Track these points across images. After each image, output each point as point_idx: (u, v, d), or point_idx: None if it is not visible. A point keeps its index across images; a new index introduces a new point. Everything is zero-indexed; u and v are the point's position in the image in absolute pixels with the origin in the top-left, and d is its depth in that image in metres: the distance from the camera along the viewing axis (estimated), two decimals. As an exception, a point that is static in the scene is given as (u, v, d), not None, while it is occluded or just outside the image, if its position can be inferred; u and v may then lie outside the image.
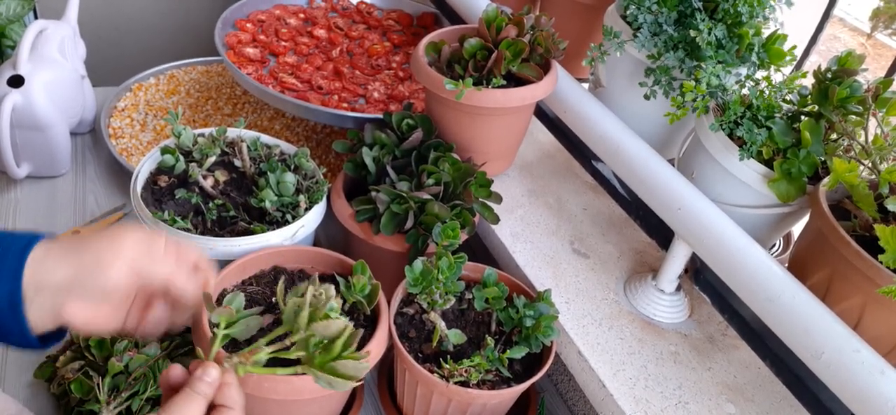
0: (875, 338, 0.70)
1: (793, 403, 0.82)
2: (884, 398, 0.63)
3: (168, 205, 0.89)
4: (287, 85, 1.20)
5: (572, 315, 0.89)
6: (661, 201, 0.85)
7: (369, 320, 0.81)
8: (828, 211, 0.74)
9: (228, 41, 1.26)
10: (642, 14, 0.90)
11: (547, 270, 0.95)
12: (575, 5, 1.19)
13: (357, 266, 0.81)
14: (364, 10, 1.46)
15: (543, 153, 1.18)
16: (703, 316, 0.93)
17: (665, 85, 0.90)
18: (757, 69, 0.87)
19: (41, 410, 0.83)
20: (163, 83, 1.35)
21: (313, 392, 0.71)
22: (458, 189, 0.91)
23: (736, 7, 0.86)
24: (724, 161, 0.83)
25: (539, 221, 1.03)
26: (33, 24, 1.08)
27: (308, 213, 0.90)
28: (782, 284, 0.73)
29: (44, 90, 1.05)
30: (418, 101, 1.22)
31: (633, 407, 0.78)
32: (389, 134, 0.98)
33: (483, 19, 0.97)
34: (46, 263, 0.55)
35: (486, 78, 0.95)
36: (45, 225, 1.07)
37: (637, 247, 1.01)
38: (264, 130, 1.28)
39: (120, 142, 1.19)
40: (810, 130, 0.78)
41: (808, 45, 1.18)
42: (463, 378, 0.77)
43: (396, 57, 1.34)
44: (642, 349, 0.86)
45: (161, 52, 1.99)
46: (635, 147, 0.89)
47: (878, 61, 2.34)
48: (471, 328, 0.85)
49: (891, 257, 0.67)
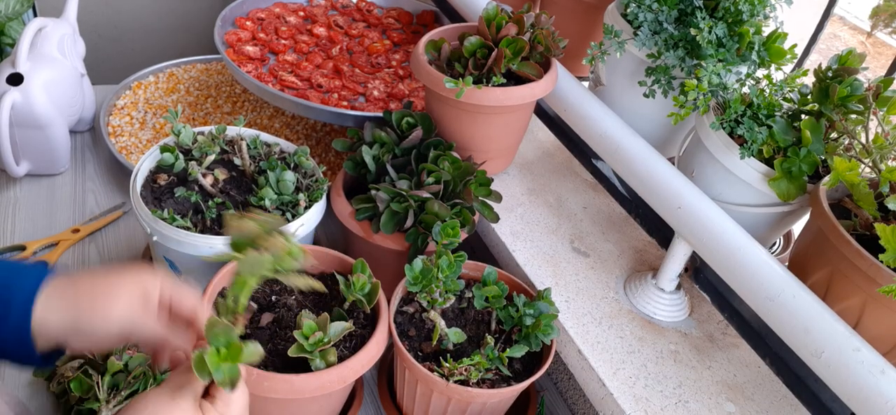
0: (875, 337, 0.70)
1: (792, 402, 0.82)
2: (884, 397, 0.63)
3: (167, 203, 0.89)
4: (287, 83, 1.19)
5: (572, 314, 0.89)
6: (661, 200, 0.85)
7: (369, 318, 0.81)
8: (828, 210, 0.74)
9: (228, 39, 1.26)
10: (643, 12, 0.89)
11: (547, 268, 0.95)
12: (575, 4, 1.19)
13: (357, 265, 0.81)
14: (364, 8, 1.45)
15: (543, 152, 1.18)
16: (703, 315, 0.93)
17: (665, 84, 0.89)
18: (757, 68, 0.87)
19: (41, 408, 0.83)
20: (162, 81, 1.35)
21: (313, 392, 0.71)
22: (457, 188, 0.91)
23: (736, 5, 0.85)
24: (724, 160, 0.82)
25: (539, 220, 1.03)
26: (33, 22, 1.07)
27: (308, 211, 0.90)
28: (782, 283, 0.73)
29: (43, 88, 1.05)
30: (418, 99, 1.22)
31: (632, 406, 0.78)
32: (389, 132, 0.98)
33: (483, 17, 0.97)
34: (48, 306, 0.56)
35: (486, 76, 0.95)
36: (45, 224, 1.07)
37: (637, 245, 1.01)
38: (264, 128, 1.28)
39: (119, 140, 1.19)
40: (811, 129, 0.78)
41: (809, 43, 1.18)
42: (463, 377, 0.77)
43: (396, 55, 1.34)
44: (642, 348, 0.86)
45: (160, 51, 1.99)
46: (635, 146, 0.89)
47: (879, 60, 2.34)
48: (471, 327, 0.85)
49: (891, 256, 0.67)
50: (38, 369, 0.58)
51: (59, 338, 0.57)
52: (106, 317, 0.57)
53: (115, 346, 0.59)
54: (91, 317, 0.57)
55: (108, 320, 0.57)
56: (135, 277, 0.59)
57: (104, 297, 0.57)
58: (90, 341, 0.58)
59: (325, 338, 0.72)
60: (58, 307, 0.57)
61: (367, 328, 0.79)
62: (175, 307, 0.62)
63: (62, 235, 1.04)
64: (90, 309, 0.57)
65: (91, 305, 0.57)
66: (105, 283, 0.58)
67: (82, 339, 0.57)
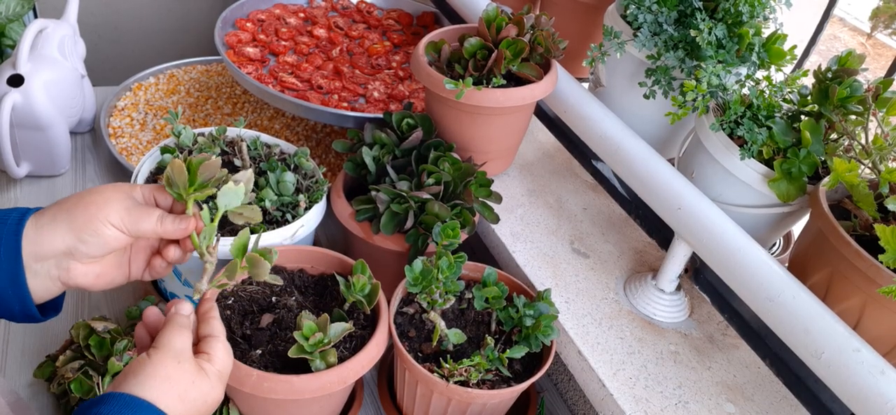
0: (875, 338, 0.70)
1: (792, 402, 0.82)
2: (884, 398, 0.63)
3: (168, 204, 0.89)
4: (287, 84, 1.19)
5: (572, 315, 0.89)
6: (661, 201, 0.85)
7: (369, 319, 0.81)
8: (828, 211, 0.74)
9: (228, 40, 1.26)
10: (642, 14, 0.90)
11: (547, 269, 0.95)
12: (575, 5, 1.19)
13: (357, 266, 0.81)
14: (364, 10, 1.46)
15: (543, 153, 1.18)
16: (703, 316, 0.93)
17: (665, 85, 0.89)
18: (757, 69, 0.87)
19: (41, 409, 0.83)
20: (163, 82, 1.35)
21: (313, 392, 0.71)
22: (458, 189, 0.91)
23: (736, 6, 0.86)
24: (724, 161, 0.83)
25: (539, 221, 1.03)
26: (33, 24, 1.08)
27: (308, 212, 0.90)
28: (782, 284, 0.73)
29: (43, 89, 1.05)
30: (418, 100, 1.22)
31: (632, 407, 0.78)
32: (389, 133, 0.98)
33: (483, 19, 0.97)
34: (42, 234, 0.59)
35: (486, 77, 0.95)
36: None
37: (637, 246, 1.01)
38: (264, 129, 1.28)
39: (120, 141, 1.19)
40: (810, 130, 0.78)
41: (809, 44, 1.18)
42: (463, 378, 0.77)
43: (396, 56, 1.34)
44: (642, 349, 0.86)
45: (161, 52, 1.99)
46: (635, 147, 0.89)
47: (878, 61, 2.34)
48: (471, 328, 0.85)
49: (891, 257, 0.67)
50: (37, 322, 0.61)
51: (65, 264, 0.60)
52: (105, 220, 0.60)
53: (120, 246, 0.63)
54: (92, 224, 0.60)
55: (107, 223, 0.60)
56: (116, 186, 0.63)
57: (96, 206, 0.60)
58: (97, 248, 0.61)
59: (326, 339, 0.72)
60: (54, 229, 0.59)
61: (367, 329, 0.79)
62: (159, 202, 0.66)
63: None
64: (87, 219, 0.60)
65: (86, 216, 0.60)
66: (91, 196, 0.62)
67: (89, 248, 0.60)
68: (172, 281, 0.91)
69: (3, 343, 0.89)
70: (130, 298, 0.98)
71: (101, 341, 0.81)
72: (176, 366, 0.56)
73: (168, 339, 0.58)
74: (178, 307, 0.61)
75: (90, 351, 0.81)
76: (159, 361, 0.56)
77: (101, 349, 0.80)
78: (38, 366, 0.85)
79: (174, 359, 0.57)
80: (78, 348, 0.82)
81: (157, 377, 0.55)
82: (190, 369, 0.57)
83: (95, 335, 0.82)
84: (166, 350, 0.57)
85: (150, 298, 0.94)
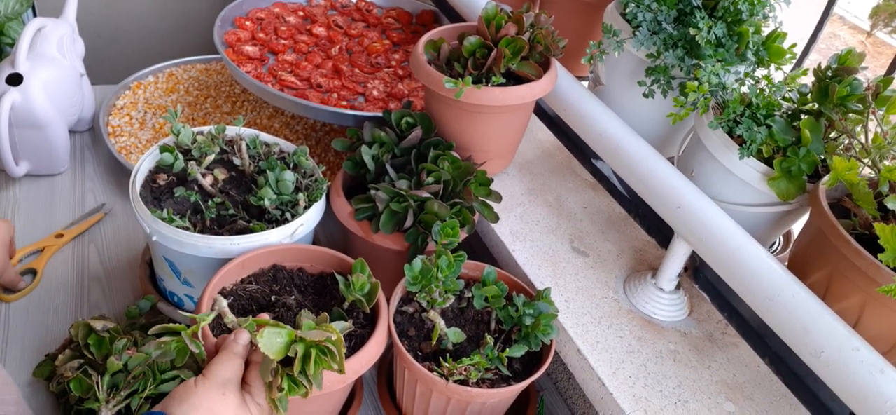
0: (874, 336, 0.70)
1: (792, 401, 0.82)
2: (883, 397, 0.63)
3: (167, 203, 0.89)
4: (286, 83, 1.19)
5: (572, 313, 0.89)
6: (661, 200, 0.85)
7: (369, 318, 0.81)
8: (827, 209, 0.74)
9: (227, 39, 1.26)
10: (642, 12, 0.89)
11: (546, 268, 0.95)
12: (575, 3, 1.19)
13: (356, 265, 0.81)
14: (363, 8, 1.45)
15: (543, 151, 1.18)
16: (703, 314, 0.93)
17: (664, 84, 0.89)
18: (757, 67, 0.87)
19: (40, 408, 0.83)
20: (162, 81, 1.35)
21: (312, 392, 0.71)
22: (457, 187, 0.91)
23: (736, 5, 0.85)
24: (723, 159, 0.82)
25: (539, 220, 1.03)
26: (32, 22, 1.07)
27: (307, 211, 0.90)
28: (782, 283, 0.73)
29: (42, 88, 1.05)
30: (418, 99, 1.22)
31: (632, 405, 0.78)
32: (389, 132, 0.98)
33: (483, 17, 0.97)
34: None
35: (486, 76, 0.95)
36: (44, 224, 1.06)
37: (636, 245, 1.01)
38: (263, 128, 1.28)
39: (119, 140, 1.19)
40: (810, 129, 0.78)
41: (808, 43, 1.18)
42: (462, 377, 0.77)
43: (396, 55, 1.34)
44: (642, 348, 0.86)
45: (160, 51, 1.99)
46: (635, 145, 0.89)
47: (878, 59, 2.34)
48: (470, 327, 0.85)
49: (890, 256, 0.67)
50: None
51: None
52: None
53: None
54: None
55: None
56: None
57: None
58: None
59: (325, 338, 0.72)
60: None
61: (366, 328, 0.79)
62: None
63: (46, 241, 1.03)
64: None
65: None
66: None
67: None
68: (172, 281, 0.91)
69: (2, 342, 0.89)
70: (130, 298, 0.98)
71: (100, 340, 0.81)
72: (220, 399, 0.59)
73: (218, 369, 0.61)
74: (235, 335, 0.64)
75: (89, 350, 0.80)
76: (205, 393, 0.59)
77: (101, 348, 0.80)
78: (37, 365, 0.85)
79: (219, 390, 0.60)
80: (77, 347, 0.82)
81: (201, 409, 0.58)
82: (234, 401, 0.60)
83: (94, 334, 0.81)
84: (213, 380, 0.60)
85: (149, 297, 0.94)
